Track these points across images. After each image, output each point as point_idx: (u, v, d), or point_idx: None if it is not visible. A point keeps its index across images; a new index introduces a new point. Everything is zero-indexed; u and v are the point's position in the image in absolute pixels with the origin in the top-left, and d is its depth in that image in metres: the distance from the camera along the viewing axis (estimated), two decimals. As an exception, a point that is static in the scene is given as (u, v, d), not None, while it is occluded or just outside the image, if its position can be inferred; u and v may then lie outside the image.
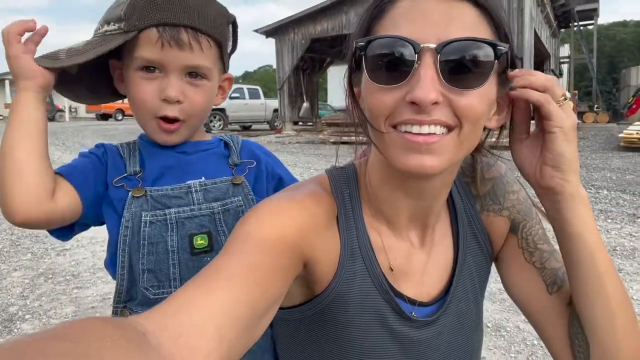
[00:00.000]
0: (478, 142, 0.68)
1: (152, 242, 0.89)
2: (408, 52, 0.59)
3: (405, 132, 0.62)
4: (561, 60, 26.09)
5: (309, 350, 0.79)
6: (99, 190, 0.91)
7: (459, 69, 0.59)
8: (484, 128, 0.70)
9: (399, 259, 0.76)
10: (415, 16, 0.62)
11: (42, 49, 0.88)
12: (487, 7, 0.63)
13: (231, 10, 0.97)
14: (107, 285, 3.56)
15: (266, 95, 23.55)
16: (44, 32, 0.87)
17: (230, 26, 0.98)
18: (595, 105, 21.86)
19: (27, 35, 0.86)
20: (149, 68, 0.88)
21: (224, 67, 0.98)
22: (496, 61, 0.61)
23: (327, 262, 0.72)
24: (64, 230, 0.91)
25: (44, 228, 0.86)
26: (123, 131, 18.02)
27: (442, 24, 0.60)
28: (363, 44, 0.63)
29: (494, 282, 2.93)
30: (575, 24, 22.69)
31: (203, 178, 0.96)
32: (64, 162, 0.96)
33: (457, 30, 0.60)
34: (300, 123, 20.10)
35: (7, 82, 36.85)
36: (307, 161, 10.14)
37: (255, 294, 0.56)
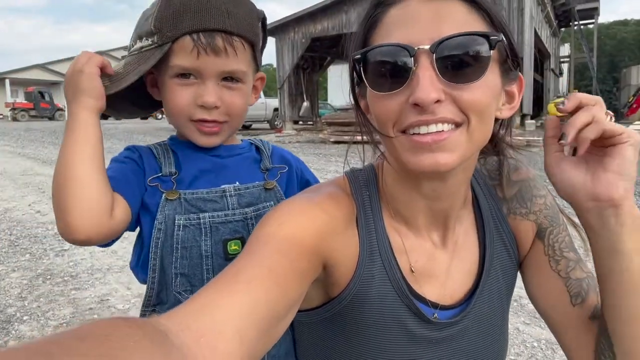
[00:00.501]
0: (489, 135, 0.68)
1: (185, 247, 0.88)
2: (404, 57, 0.61)
3: (413, 134, 0.62)
4: (561, 60, 26.11)
5: (328, 352, 0.79)
6: (140, 199, 0.90)
7: (456, 64, 0.60)
8: (497, 119, 0.70)
9: (421, 261, 0.76)
10: (407, 21, 0.63)
11: (41, 49, 0.88)
12: (477, 1, 0.64)
13: None
14: (105, 287, 3.55)
15: (266, 95, 23.52)
16: (108, 69, 0.89)
17: (260, 22, 0.96)
18: (596, 105, 21.75)
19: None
20: (184, 75, 0.87)
21: (257, 66, 0.96)
22: (492, 51, 0.61)
23: (346, 264, 0.72)
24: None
25: (103, 243, 0.85)
26: (123, 130, 18.02)
27: (434, 24, 0.61)
28: (359, 56, 0.65)
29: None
30: (576, 23, 22.66)
31: (237, 183, 0.95)
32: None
33: (449, 27, 0.61)
34: (301, 122, 20.10)
35: (7, 81, 36.85)
36: (307, 160, 10.02)
37: (275, 296, 0.57)
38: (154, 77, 0.93)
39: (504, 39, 0.64)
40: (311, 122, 20.10)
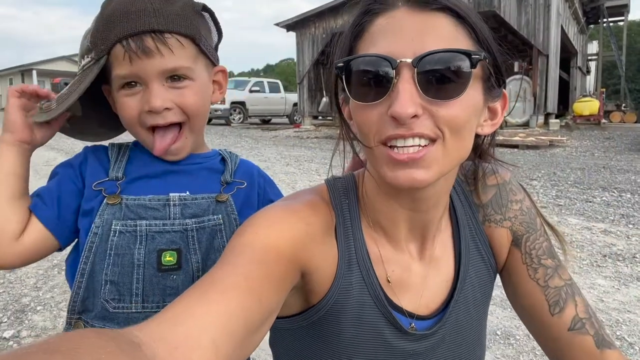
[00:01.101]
0: (467, 151, 0.68)
1: (118, 253, 0.86)
2: (386, 68, 0.60)
3: (391, 146, 0.62)
4: (589, 57, 25.43)
5: (304, 358, 0.79)
6: (70, 215, 0.89)
7: (437, 80, 0.60)
8: (478, 135, 0.70)
9: (397, 271, 0.76)
10: (392, 32, 0.63)
11: (68, 41, 0.91)
12: (463, 15, 0.63)
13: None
14: (118, 279, 3.61)
15: (287, 89, 23.57)
16: (40, 93, 0.90)
17: (207, 15, 0.93)
18: (623, 104, 21.25)
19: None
20: (129, 84, 0.86)
21: (211, 60, 0.93)
22: (473, 70, 0.61)
23: (324, 273, 0.72)
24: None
25: (23, 266, 0.88)
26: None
27: (418, 38, 0.61)
28: (342, 64, 0.65)
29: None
30: (605, 20, 22.05)
31: (187, 192, 0.93)
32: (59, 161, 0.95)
33: (433, 42, 0.60)
34: (320, 117, 20.07)
35: (34, 72, 37.73)
36: (324, 156, 10.11)
37: (251, 305, 0.57)
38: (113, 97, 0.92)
39: (488, 56, 0.63)
40: (330, 118, 20.03)
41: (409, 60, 0.59)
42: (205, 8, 0.92)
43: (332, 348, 0.75)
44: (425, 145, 0.61)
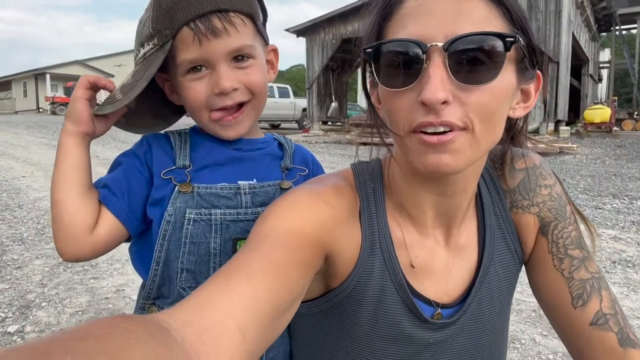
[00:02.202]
0: (498, 138, 0.66)
1: (194, 242, 0.86)
2: (416, 53, 0.59)
3: (421, 132, 0.61)
4: (601, 65, 25.26)
5: (321, 344, 0.79)
6: (140, 206, 0.88)
7: (469, 64, 0.58)
8: (510, 118, 0.68)
9: (421, 257, 0.75)
10: (422, 15, 0.61)
11: (81, 45, 0.89)
12: None
13: None
14: (123, 277, 3.62)
15: (297, 94, 23.67)
16: (108, 86, 0.89)
17: None
18: (636, 113, 21.04)
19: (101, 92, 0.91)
20: (195, 68, 0.85)
21: (264, 39, 0.93)
22: (507, 52, 0.59)
23: (347, 256, 0.72)
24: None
25: (94, 258, 0.88)
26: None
27: (450, 21, 0.59)
28: (371, 50, 0.63)
29: (512, 292, 2.83)
30: (617, 27, 21.89)
31: (254, 180, 0.92)
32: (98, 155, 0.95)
33: (465, 25, 0.58)
34: (329, 123, 20.10)
35: (47, 75, 38.20)
36: (332, 161, 10.11)
37: (277, 289, 0.57)
38: (171, 84, 0.92)
39: (523, 37, 0.61)
40: (339, 123, 20.06)
41: (440, 44, 0.57)
42: None
43: (351, 332, 0.74)
44: (455, 132, 0.60)
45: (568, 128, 14.84)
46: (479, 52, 0.58)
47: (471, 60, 0.58)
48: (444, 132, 0.59)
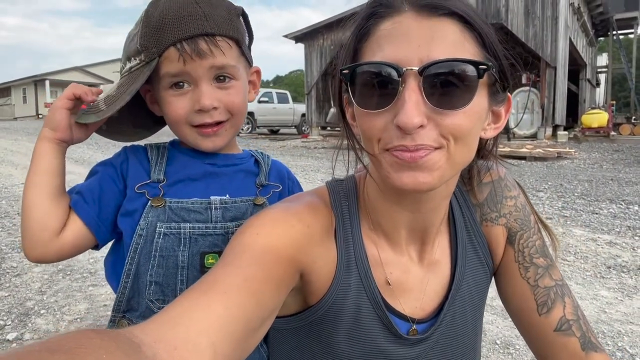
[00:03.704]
0: (471, 156, 0.68)
1: (163, 255, 0.88)
2: (392, 76, 0.60)
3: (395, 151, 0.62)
4: (598, 70, 25.31)
5: None
6: (110, 215, 0.91)
7: (443, 89, 0.59)
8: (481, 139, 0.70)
9: (396, 274, 0.76)
10: (398, 37, 0.61)
11: (81, 51, 0.92)
12: (471, 22, 0.62)
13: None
14: (121, 284, 3.63)
15: (296, 100, 23.67)
16: (87, 98, 0.91)
17: (241, 18, 0.97)
18: (633, 117, 21.07)
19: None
20: (177, 84, 0.88)
21: (248, 61, 0.97)
22: (480, 79, 0.60)
23: (323, 274, 0.72)
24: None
25: (57, 262, 0.91)
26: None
27: (424, 45, 0.60)
28: (348, 71, 0.64)
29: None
30: (614, 32, 21.97)
31: (227, 195, 0.94)
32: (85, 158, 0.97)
33: (439, 49, 0.59)
34: (328, 128, 20.12)
35: (47, 82, 38.21)
36: (330, 167, 10.09)
37: (251, 307, 0.57)
38: (152, 95, 0.94)
39: (495, 63, 0.63)
40: (338, 129, 20.03)
41: (415, 69, 0.58)
42: (243, 12, 0.96)
43: (328, 349, 0.75)
44: (429, 150, 0.61)
45: (566, 133, 14.86)
46: (453, 77, 0.59)
47: (445, 85, 0.59)
48: (416, 150, 0.60)
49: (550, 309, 0.77)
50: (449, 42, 0.60)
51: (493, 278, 0.86)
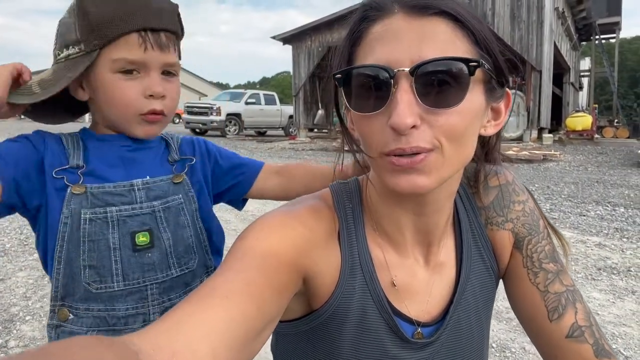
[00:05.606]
0: (469, 156, 0.67)
1: (92, 240, 0.90)
2: (384, 78, 0.60)
3: (392, 156, 0.62)
4: (581, 74, 25.76)
5: None
6: (24, 173, 0.88)
7: (435, 88, 0.59)
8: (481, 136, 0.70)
9: (401, 276, 0.75)
10: (389, 39, 0.62)
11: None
12: (462, 19, 0.62)
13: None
14: (109, 289, 3.55)
15: (283, 102, 23.64)
16: (27, 78, 0.92)
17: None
18: (616, 120, 21.49)
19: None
20: (128, 71, 0.91)
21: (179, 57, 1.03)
22: (471, 76, 0.60)
23: (327, 278, 0.71)
24: None
25: None
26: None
27: (415, 45, 0.59)
28: (341, 75, 0.64)
29: (501, 300, 2.84)
30: (597, 37, 22.38)
31: (148, 177, 0.97)
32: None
33: (430, 49, 0.59)
34: (315, 130, 20.14)
35: (29, 82, 37.50)
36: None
37: (252, 313, 0.56)
38: (78, 79, 0.94)
39: (487, 59, 0.63)
40: (325, 130, 20.09)
41: (407, 69, 0.58)
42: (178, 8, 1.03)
43: (333, 354, 0.74)
44: (425, 153, 0.60)
45: (551, 135, 15.08)
46: (444, 75, 0.58)
47: (437, 84, 0.58)
48: (414, 154, 0.60)
49: (561, 315, 0.76)
50: (440, 41, 0.60)
51: (502, 284, 0.85)
